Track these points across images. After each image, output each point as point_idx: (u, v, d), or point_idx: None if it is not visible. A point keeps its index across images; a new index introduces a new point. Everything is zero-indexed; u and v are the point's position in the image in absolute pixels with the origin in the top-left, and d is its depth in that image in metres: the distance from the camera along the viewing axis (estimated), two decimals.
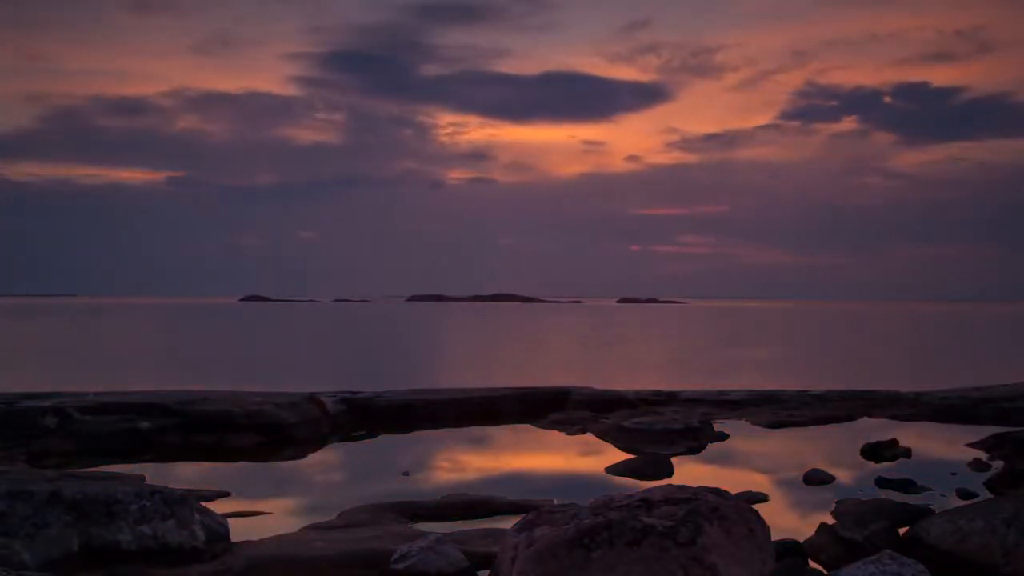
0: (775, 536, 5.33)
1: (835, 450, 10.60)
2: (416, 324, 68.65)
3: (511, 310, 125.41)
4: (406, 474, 9.10)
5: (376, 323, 72.14)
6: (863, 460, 9.97)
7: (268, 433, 10.99)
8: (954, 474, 9.06)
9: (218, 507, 6.95)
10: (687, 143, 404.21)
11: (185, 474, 9.14)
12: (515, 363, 29.13)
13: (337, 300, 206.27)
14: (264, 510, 7.42)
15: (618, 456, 9.96)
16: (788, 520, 7.10)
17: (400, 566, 5.31)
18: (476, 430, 12.37)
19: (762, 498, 7.75)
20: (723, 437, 11.42)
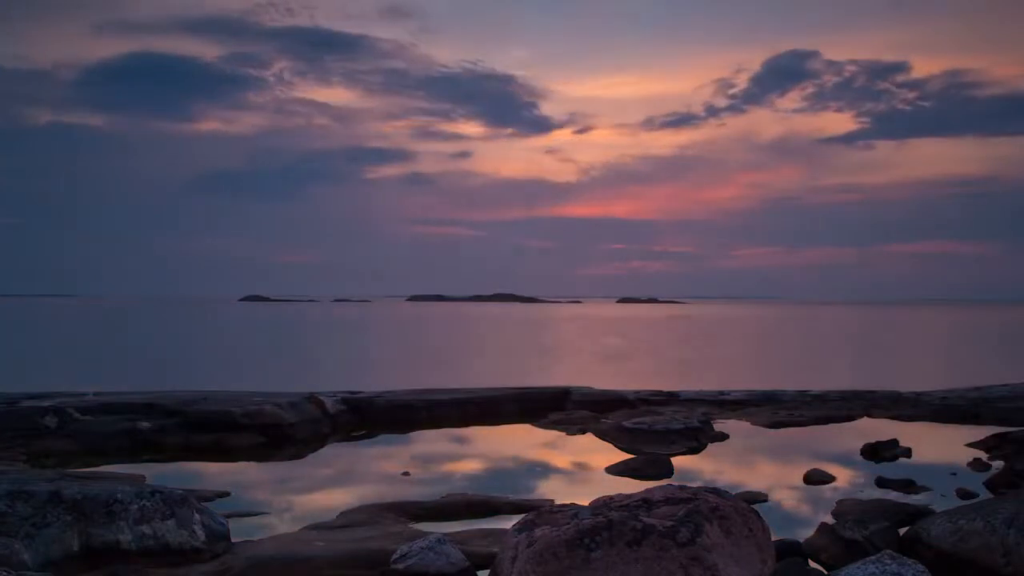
0: (775, 536, 5.33)
1: (835, 450, 10.60)
2: (416, 324, 68.66)
3: (511, 310, 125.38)
4: (406, 474, 9.10)
5: (376, 323, 72.12)
6: (863, 460, 9.97)
7: (268, 433, 10.99)
8: (954, 474, 9.06)
9: (218, 507, 6.96)
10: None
11: (185, 474, 9.13)
12: (515, 363, 29.13)
13: (337, 300, 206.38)
14: (264, 510, 7.41)
15: (618, 456, 9.96)
16: (788, 520, 7.10)
17: (400, 566, 5.31)
18: (476, 430, 12.38)
19: (762, 498, 7.75)
20: (723, 437, 11.41)
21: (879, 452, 10.12)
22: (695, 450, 10.60)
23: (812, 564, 5.80)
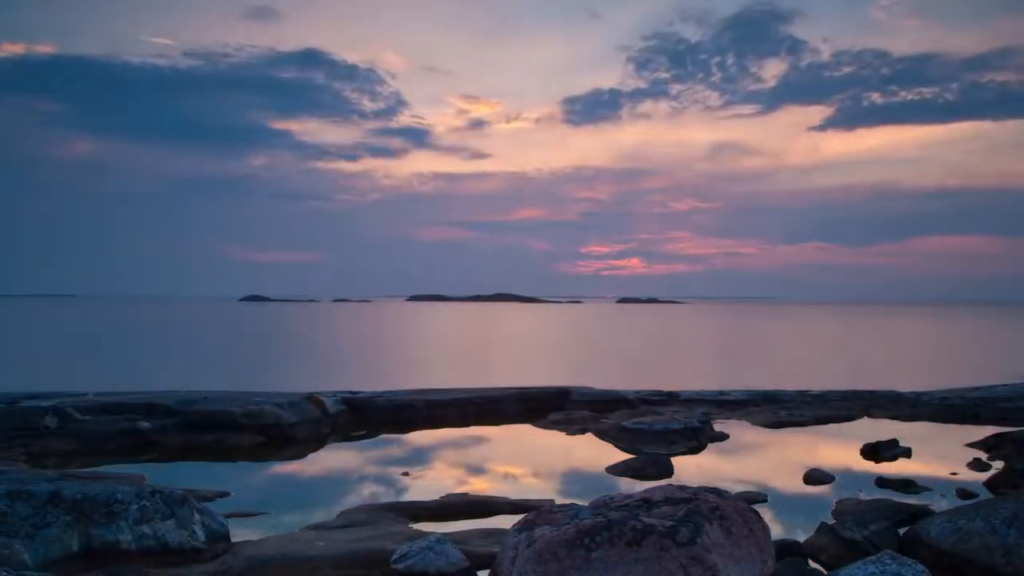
0: (775, 536, 5.34)
1: (835, 450, 10.61)
2: (416, 324, 68.66)
3: (511, 310, 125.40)
4: (406, 474, 9.10)
5: (376, 323, 72.13)
6: (863, 460, 9.98)
7: (268, 433, 11.00)
8: (954, 474, 9.06)
9: (218, 507, 6.96)
10: None
11: (185, 474, 9.14)
12: (515, 363, 29.13)
13: (337, 300, 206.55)
14: (264, 510, 7.41)
15: (618, 456, 9.96)
16: (788, 520, 7.10)
17: (400, 566, 5.30)
18: (476, 430, 12.38)
19: (762, 498, 7.75)
20: (723, 437, 11.42)
21: (879, 452, 10.13)
22: (695, 450, 10.60)
23: (812, 564, 5.80)
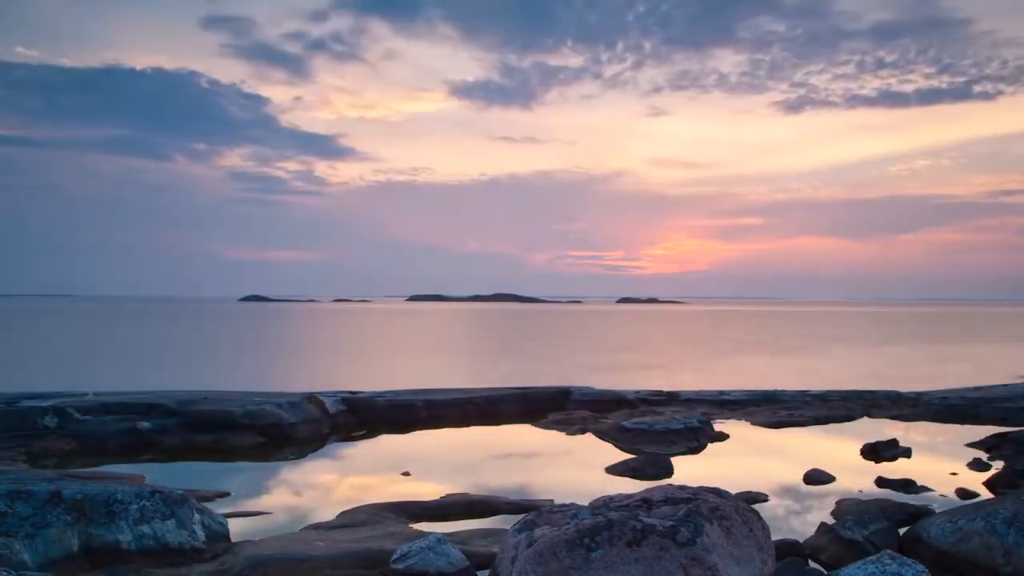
0: (775, 536, 5.34)
1: (835, 450, 10.61)
2: (416, 324, 68.63)
3: (511, 311, 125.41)
4: (406, 474, 9.10)
5: (376, 323, 72.09)
6: (863, 460, 9.98)
7: (268, 433, 11.00)
8: (954, 474, 9.07)
9: (218, 507, 6.96)
10: None
11: (185, 474, 9.14)
12: (515, 363, 29.13)
13: (337, 300, 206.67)
14: (264, 510, 7.41)
15: (618, 456, 9.96)
16: (788, 520, 7.10)
17: (400, 566, 5.30)
18: (476, 430, 12.38)
19: (762, 498, 7.75)
20: (723, 437, 11.42)
21: (879, 452, 10.13)
22: (695, 450, 10.61)
23: (812, 564, 5.80)
